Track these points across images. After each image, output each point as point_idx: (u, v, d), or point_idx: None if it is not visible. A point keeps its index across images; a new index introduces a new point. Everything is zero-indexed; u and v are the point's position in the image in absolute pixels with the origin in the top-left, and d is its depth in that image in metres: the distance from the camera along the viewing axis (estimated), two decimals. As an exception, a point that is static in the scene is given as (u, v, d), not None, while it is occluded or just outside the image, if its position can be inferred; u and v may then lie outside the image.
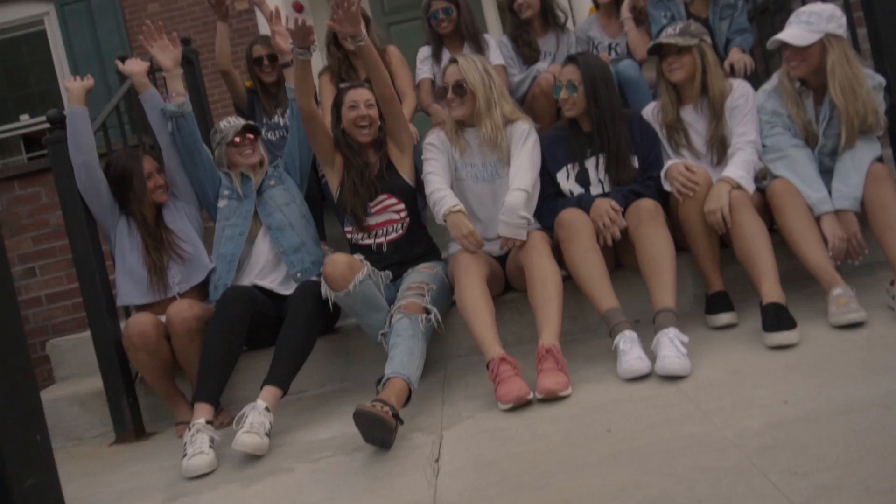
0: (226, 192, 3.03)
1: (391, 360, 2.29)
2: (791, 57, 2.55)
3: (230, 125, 3.04)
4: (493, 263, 2.73)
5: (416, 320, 2.43)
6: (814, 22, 2.49)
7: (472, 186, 2.79)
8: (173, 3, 6.92)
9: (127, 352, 2.70)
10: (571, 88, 2.71)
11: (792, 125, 2.63)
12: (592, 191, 2.75)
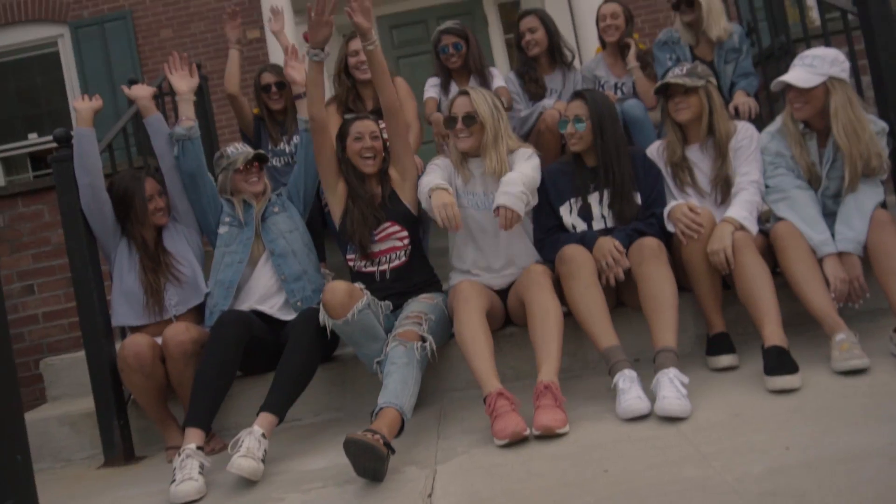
0: (227, 218, 3.02)
1: (385, 389, 2.27)
2: (795, 98, 2.57)
3: (238, 152, 3.05)
4: (493, 297, 2.71)
5: (412, 348, 2.41)
6: (817, 65, 2.52)
7: (474, 215, 2.78)
8: (185, 29, 7.03)
9: (121, 373, 2.67)
10: (578, 123, 2.73)
11: (795, 167, 2.64)
12: (595, 225, 2.75)
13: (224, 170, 3.04)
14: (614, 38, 3.79)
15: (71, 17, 7.02)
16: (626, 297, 2.76)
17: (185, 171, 2.96)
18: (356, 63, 3.55)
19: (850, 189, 2.52)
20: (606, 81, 3.87)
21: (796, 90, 2.55)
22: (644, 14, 6.73)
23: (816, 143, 2.63)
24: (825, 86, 2.51)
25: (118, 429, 2.77)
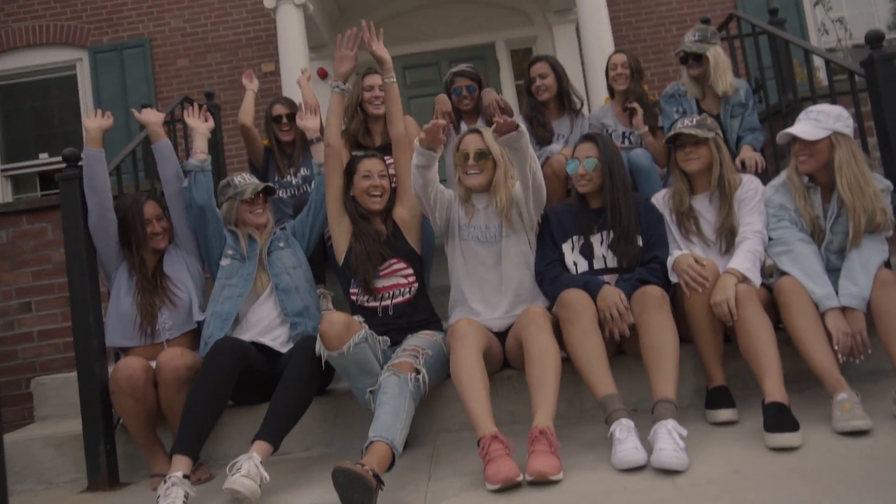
0: (230, 251, 3.00)
1: (376, 421, 2.24)
2: (800, 151, 2.59)
3: (245, 182, 3.05)
4: (491, 338, 2.68)
5: (405, 378, 2.38)
6: (822, 120, 2.55)
7: (475, 248, 2.78)
8: (202, 59, 7.15)
9: (112, 395, 2.64)
10: (590, 164, 2.75)
11: (799, 220, 2.64)
12: (595, 264, 2.75)
13: (230, 199, 3.04)
14: (623, 86, 3.84)
15: (91, 42, 7.15)
16: (626, 346, 2.73)
17: (195, 203, 2.96)
18: (370, 98, 3.61)
19: (855, 244, 2.51)
20: (614, 130, 3.90)
21: (801, 142, 2.57)
22: (654, 67, 6.84)
23: (821, 197, 2.64)
24: (830, 140, 2.53)
25: (104, 453, 2.72)
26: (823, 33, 6.63)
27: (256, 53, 7.17)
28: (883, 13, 6.94)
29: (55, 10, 7.20)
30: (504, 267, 2.74)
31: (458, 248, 2.81)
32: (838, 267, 2.55)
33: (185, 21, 7.20)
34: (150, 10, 7.22)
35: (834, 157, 2.53)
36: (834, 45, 6.32)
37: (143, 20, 7.20)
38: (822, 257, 2.58)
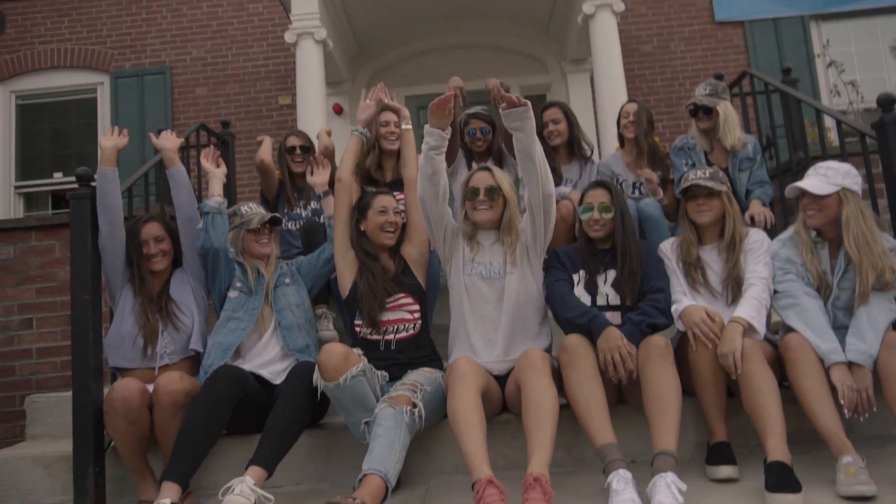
0: (238, 283, 3.00)
1: (370, 453, 2.23)
2: (809, 205, 2.60)
3: (252, 212, 3.07)
4: (491, 381, 2.65)
5: (401, 411, 2.37)
6: (831, 175, 2.57)
7: (478, 283, 2.78)
8: (220, 89, 7.27)
9: (105, 416, 2.61)
10: (604, 210, 2.77)
11: (806, 274, 2.63)
12: (598, 300, 2.74)
13: (236, 227, 3.05)
14: (632, 134, 3.87)
15: (113, 67, 7.29)
16: (628, 395, 2.70)
17: (210, 246, 2.95)
18: (386, 133, 3.65)
19: (863, 301, 2.50)
20: (625, 180, 3.91)
21: (810, 197, 2.59)
22: (666, 120, 6.90)
23: (828, 252, 2.64)
24: (838, 195, 2.56)
25: (93, 476, 2.67)
26: (836, 95, 6.69)
27: (274, 86, 7.28)
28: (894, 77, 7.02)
29: (81, 34, 7.36)
30: (505, 304, 2.73)
31: (461, 283, 2.80)
32: (845, 325, 2.53)
33: (206, 51, 7.34)
34: (174, 39, 7.37)
35: (842, 213, 2.55)
36: (845, 108, 6.37)
37: (165, 48, 7.35)
38: (829, 314, 2.56)
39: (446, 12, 7.06)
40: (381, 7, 6.72)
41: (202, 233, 2.96)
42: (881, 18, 7.11)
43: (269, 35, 7.36)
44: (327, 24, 6.03)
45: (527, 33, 7.37)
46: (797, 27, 6.98)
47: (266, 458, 2.37)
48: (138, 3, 7.44)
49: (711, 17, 7.14)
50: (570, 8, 6.40)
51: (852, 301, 2.53)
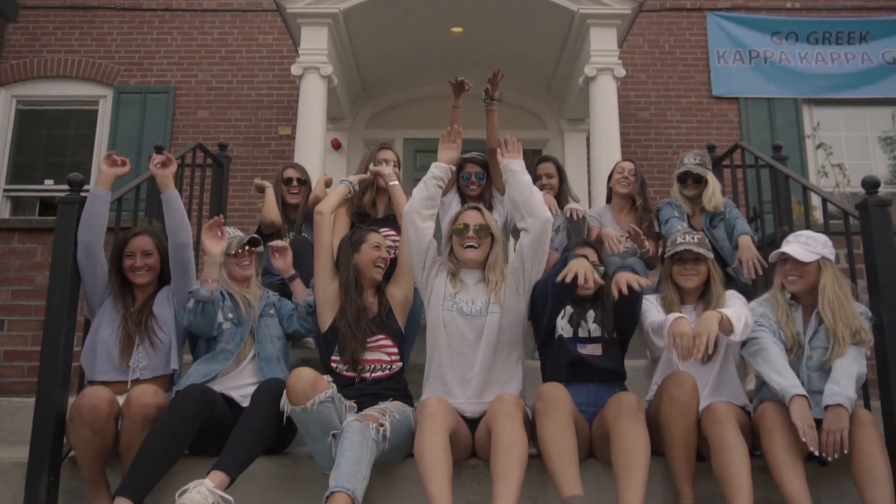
0: (230, 314, 2.98)
1: (337, 469, 2.23)
2: (790, 271, 2.71)
3: (232, 236, 3.06)
4: (461, 423, 2.63)
5: (367, 426, 2.36)
6: (812, 244, 2.71)
7: (458, 319, 2.78)
8: (222, 113, 7.34)
9: (70, 423, 2.55)
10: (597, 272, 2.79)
11: (779, 331, 2.71)
12: (580, 332, 2.79)
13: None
14: (626, 190, 3.94)
15: (118, 82, 7.35)
16: (598, 450, 2.68)
17: (198, 328, 2.88)
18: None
19: (838, 355, 2.57)
20: None
21: (793, 263, 2.69)
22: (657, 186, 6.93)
23: (801, 314, 2.74)
24: (818, 263, 2.68)
25: (45, 485, 2.59)
26: (823, 176, 6.85)
27: (275, 116, 7.36)
28: (882, 168, 7.20)
29: (90, 47, 7.44)
30: (485, 342, 2.73)
31: (440, 317, 2.79)
32: (819, 389, 2.55)
33: (212, 76, 7.42)
34: (181, 61, 7.46)
35: (820, 280, 2.67)
36: (832, 189, 6.51)
37: (172, 69, 7.43)
38: (804, 375, 2.61)
39: (452, 61, 7.19)
40: (388, 51, 6.86)
41: (190, 315, 2.85)
42: (871, 108, 7.34)
43: (276, 66, 7.47)
44: (334, 60, 6.14)
45: (528, 90, 7.53)
46: (790, 108, 7.18)
47: (228, 465, 2.34)
48: (150, 24, 7.54)
49: (709, 91, 7.34)
50: (573, 69, 6.57)
51: (823, 361, 2.60)
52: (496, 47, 6.92)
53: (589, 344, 2.75)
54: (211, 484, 2.23)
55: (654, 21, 7.54)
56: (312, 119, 5.86)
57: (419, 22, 6.44)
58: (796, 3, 7.51)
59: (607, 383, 2.76)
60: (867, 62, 7.26)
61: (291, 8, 5.85)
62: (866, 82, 7.22)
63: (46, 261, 3.60)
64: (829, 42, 7.31)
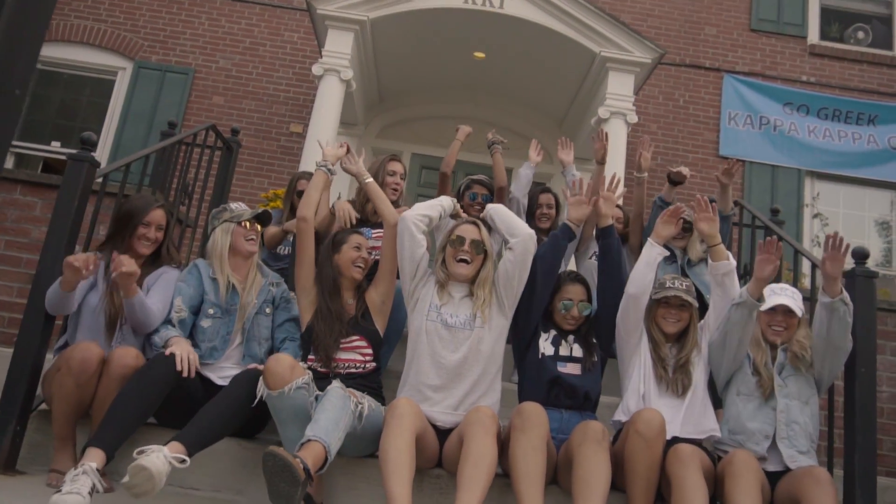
0: (210, 310, 2.91)
1: (315, 422, 2.25)
2: (780, 322, 2.86)
3: (243, 208, 3.10)
4: (429, 429, 2.63)
5: (349, 397, 2.40)
6: (797, 298, 2.86)
7: (440, 330, 2.79)
8: (237, 102, 7.40)
9: (56, 372, 2.55)
10: (584, 309, 2.94)
11: (751, 365, 2.86)
12: (561, 351, 2.87)
13: (225, 222, 3.03)
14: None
15: (140, 56, 7.42)
16: (560, 477, 2.69)
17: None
18: (391, 183, 3.74)
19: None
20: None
21: (783, 315, 2.84)
22: (653, 234, 7.09)
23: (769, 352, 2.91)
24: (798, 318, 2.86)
25: (10, 435, 2.58)
26: (817, 245, 6.96)
27: (289, 112, 7.43)
28: (875, 250, 7.32)
29: (118, 19, 7.52)
30: (465, 356, 2.74)
31: (423, 326, 2.81)
32: (797, 420, 2.74)
33: (233, 64, 7.51)
34: (205, 45, 7.55)
35: (798, 330, 2.85)
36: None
37: (194, 52, 7.51)
38: (782, 404, 2.75)
39: (470, 85, 7.32)
40: (409, 65, 6.96)
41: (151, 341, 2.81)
42: (871, 190, 7.49)
43: (297, 64, 7.56)
44: (355, 66, 6.23)
45: (540, 123, 7.64)
46: (792, 178, 7.32)
47: (188, 440, 2.32)
48: (180, 4, 7.65)
49: (716, 150, 7.47)
50: (587, 110, 6.68)
51: (799, 389, 2.79)
52: (515, 78, 7.04)
53: (569, 363, 2.82)
54: (169, 453, 2.21)
55: (671, 74, 7.69)
56: (326, 120, 5.93)
57: (444, 42, 6.55)
58: (811, 77, 7.69)
59: (580, 411, 2.81)
60: (872, 144, 7.42)
61: (322, 9, 5.94)
62: (869, 164, 7.37)
63: (45, 216, 3.63)
64: (838, 119, 7.47)
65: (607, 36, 6.03)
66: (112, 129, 7.21)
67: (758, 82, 7.62)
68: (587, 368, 2.87)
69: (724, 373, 2.87)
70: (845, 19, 8.06)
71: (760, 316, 2.87)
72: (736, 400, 2.83)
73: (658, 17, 7.87)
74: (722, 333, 2.82)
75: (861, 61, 7.74)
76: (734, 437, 2.78)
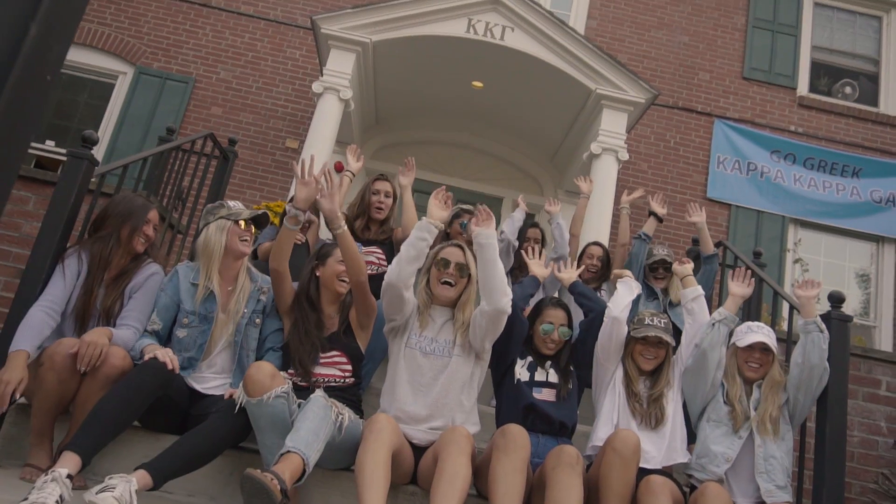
0: (185, 319, 2.82)
1: (296, 432, 2.26)
2: (758, 359, 2.94)
3: (240, 206, 2.99)
4: (406, 446, 2.64)
5: (330, 407, 2.41)
6: (772, 337, 2.95)
7: (418, 357, 2.80)
8: (234, 114, 7.46)
9: (39, 367, 2.49)
10: (564, 333, 2.99)
11: (724, 395, 2.93)
12: (537, 377, 2.92)
13: (221, 218, 2.92)
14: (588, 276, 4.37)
15: (141, 62, 7.48)
16: (534, 499, 2.71)
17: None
18: (376, 202, 3.80)
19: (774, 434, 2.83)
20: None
21: (761, 352, 2.93)
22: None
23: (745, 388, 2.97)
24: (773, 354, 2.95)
25: (-12, 427, 2.58)
26: (797, 290, 7.09)
27: (286, 127, 7.50)
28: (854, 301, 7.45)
29: (122, 24, 7.59)
30: (443, 383, 2.76)
31: (401, 352, 2.82)
32: (774, 454, 2.78)
33: (233, 76, 7.59)
34: (207, 56, 7.62)
35: (772, 367, 2.92)
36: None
37: (196, 62, 7.59)
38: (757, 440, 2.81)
39: (467, 113, 7.43)
40: (408, 90, 7.07)
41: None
42: (852, 241, 7.64)
43: (297, 81, 7.65)
44: (355, 87, 6.32)
45: (533, 155, 7.76)
46: (777, 224, 7.47)
47: (159, 472, 2.28)
48: (186, 14, 7.73)
49: (704, 192, 7.61)
50: (580, 144, 6.79)
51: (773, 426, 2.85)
52: (511, 109, 7.16)
53: (544, 388, 2.87)
54: (136, 485, 2.16)
55: (664, 116, 7.86)
56: (322, 137, 5.99)
57: (444, 69, 6.66)
58: (799, 127, 7.88)
59: (556, 436, 2.84)
60: (855, 196, 7.60)
61: (326, 29, 6.04)
62: (851, 215, 7.54)
63: (37, 212, 3.63)
64: (823, 170, 7.64)
65: (603, 74, 6.17)
66: (108, 132, 7.24)
67: (747, 129, 7.80)
68: (562, 396, 2.91)
69: (699, 400, 2.94)
70: (834, 74, 8.30)
71: (738, 352, 2.94)
72: (706, 426, 2.92)
73: (654, 60, 8.06)
74: (698, 357, 2.90)
75: (847, 115, 7.95)
76: (699, 460, 2.88)
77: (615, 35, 8.09)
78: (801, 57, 8.18)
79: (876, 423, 3.84)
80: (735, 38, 8.18)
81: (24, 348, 2.49)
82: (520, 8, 6.15)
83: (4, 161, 0.79)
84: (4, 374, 2.43)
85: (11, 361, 2.46)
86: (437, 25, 6.16)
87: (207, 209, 3.00)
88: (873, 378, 3.92)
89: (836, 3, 8.48)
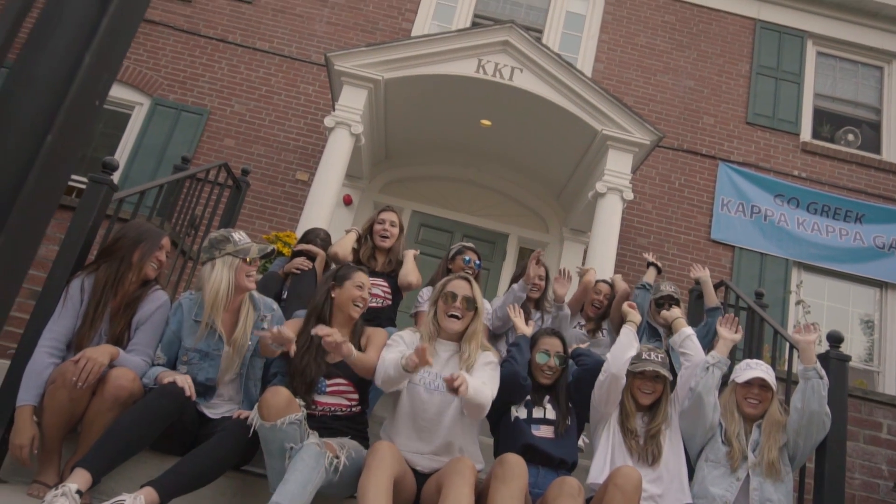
0: (185, 356, 2.82)
1: (284, 484, 2.25)
2: (757, 395, 2.97)
3: (247, 241, 2.96)
4: (408, 473, 2.66)
5: (324, 454, 2.39)
6: (771, 374, 2.97)
7: (422, 393, 2.81)
8: (247, 146, 7.61)
9: (51, 383, 2.52)
10: (559, 360, 3.02)
11: (721, 433, 2.95)
12: (535, 413, 2.93)
13: (227, 255, 2.88)
14: (593, 314, 4.46)
15: (158, 93, 7.66)
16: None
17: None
18: (380, 230, 3.87)
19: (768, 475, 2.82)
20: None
21: (759, 388, 2.96)
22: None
23: (744, 426, 2.98)
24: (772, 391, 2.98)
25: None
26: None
27: (297, 159, 7.64)
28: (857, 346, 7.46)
29: (141, 57, 7.80)
30: (445, 419, 2.77)
31: (405, 391, 2.83)
32: (771, 497, 2.79)
33: (247, 109, 7.76)
34: (222, 90, 7.81)
35: (771, 405, 2.95)
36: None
37: (211, 95, 7.77)
38: (755, 482, 2.82)
39: (475, 150, 7.57)
40: (418, 127, 7.21)
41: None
42: (855, 286, 7.67)
43: (309, 115, 7.81)
44: (366, 123, 6.45)
45: (539, 193, 7.86)
46: (780, 267, 7.51)
47: (165, 488, 2.31)
48: (203, 49, 7.94)
49: (708, 234, 7.67)
50: (585, 183, 6.89)
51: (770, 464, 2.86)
52: (518, 147, 7.29)
53: (542, 425, 2.87)
54: (143, 502, 2.20)
55: (669, 158, 7.97)
56: (332, 171, 6.10)
57: (453, 107, 6.81)
58: (803, 172, 7.98)
59: (556, 469, 2.86)
60: (858, 241, 7.65)
61: (339, 66, 6.20)
62: (854, 260, 7.58)
63: (54, 235, 3.71)
64: (826, 215, 7.72)
65: (610, 116, 6.30)
66: (123, 160, 7.37)
67: (751, 172, 7.90)
68: (560, 433, 2.91)
69: (698, 440, 2.95)
70: (836, 121, 8.43)
71: (737, 388, 2.97)
72: (704, 465, 2.94)
73: (659, 103, 8.21)
74: (694, 400, 2.92)
75: (850, 161, 8.05)
76: (697, 501, 2.88)
77: (622, 78, 8.26)
78: (805, 104, 8.32)
79: (877, 466, 3.84)
80: (739, 85, 8.35)
81: (28, 403, 2.54)
82: (529, 50, 6.31)
83: (57, 176, 0.87)
84: (16, 439, 2.49)
85: (19, 420, 2.52)
86: (448, 65, 6.31)
87: (211, 241, 2.94)
88: (874, 421, 3.93)
89: (838, 53, 8.66)
